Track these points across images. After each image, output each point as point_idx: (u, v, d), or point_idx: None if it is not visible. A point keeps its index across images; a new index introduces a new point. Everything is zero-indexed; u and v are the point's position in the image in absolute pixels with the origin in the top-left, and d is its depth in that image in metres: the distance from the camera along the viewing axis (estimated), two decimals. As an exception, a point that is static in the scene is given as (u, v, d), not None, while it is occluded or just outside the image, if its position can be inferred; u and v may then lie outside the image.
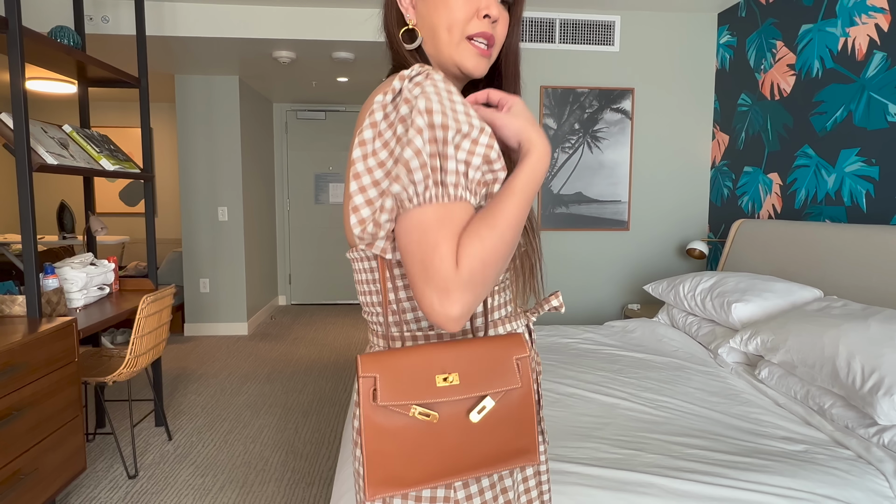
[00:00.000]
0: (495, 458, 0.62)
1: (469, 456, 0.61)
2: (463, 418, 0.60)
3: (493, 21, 0.69)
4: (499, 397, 0.61)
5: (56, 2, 3.10)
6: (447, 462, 0.60)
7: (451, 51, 0.69)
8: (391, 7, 0.73)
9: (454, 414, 0.60)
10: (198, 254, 4.58)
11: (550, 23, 3.25)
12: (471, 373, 0.59)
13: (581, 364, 2.12)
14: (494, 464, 0.62)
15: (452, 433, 0.60)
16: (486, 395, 0.60)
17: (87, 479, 2.24)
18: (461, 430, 0.60)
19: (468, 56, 0.69)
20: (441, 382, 0.58)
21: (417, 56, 0.72)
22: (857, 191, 2.31)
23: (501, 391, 0.61)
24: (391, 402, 0.57)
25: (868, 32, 2.25)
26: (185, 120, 4.48)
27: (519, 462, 0.63)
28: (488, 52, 0.69)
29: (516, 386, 0.61)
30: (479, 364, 0.60)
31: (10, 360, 1.53)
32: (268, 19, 3.29)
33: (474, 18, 0.68)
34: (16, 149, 1.77)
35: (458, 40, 0.68)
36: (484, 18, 0.68)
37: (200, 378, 3.51)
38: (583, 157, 3.30)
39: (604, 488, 1.25)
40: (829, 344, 1.64)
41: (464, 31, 0.68)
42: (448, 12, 0.67)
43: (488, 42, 0.69)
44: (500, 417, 0.61)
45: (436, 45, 0.70)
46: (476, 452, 0.61)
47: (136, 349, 2.21)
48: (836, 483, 1.29)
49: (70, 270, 2.19)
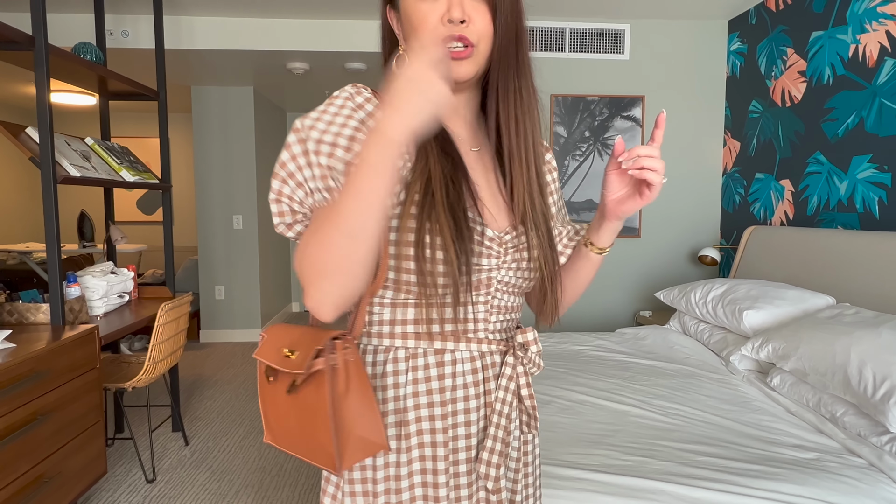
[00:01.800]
0: (305, 448, 0.66)
1: (290, 434, 0.67)
2: (284, 393, 0.67)
3: (460, 22, 0.66)
4: (301, 380, 0.65)
5: (78, 18, 3.20)
6: (283, 434, 0.67)
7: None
8: (385, 38, 0.76)
9: (283, 387, 0.67)
10: (213, 261, 4.66)
11: (560, 32, 3.28)
12: (305, 355, 0.64)
13: (592, 371, 2.13)
14: (304, 452, 0.66)
15: (282, 406, 0.67)
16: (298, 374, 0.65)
17: (107, 484, 2.29)
18: (284, 405, 0.67)
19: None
20: (286, 354, 0.65)
21: None
22: (869, 197, 2.31)
23: (302, 374, 0.64)
24: (258, 356, 0.68)
25: (879, 39, 2.25)
26: (201, 130, 4.57)
27: (321, 461, 0.64)
28: (465, 51, 0.66)
29: (301, 371, 0.63)
30: (308, 350, 0.64)
31: (36, 367, 1.59)
32: (282, 32, 3.36)
33: (440, 25, 0.66)
34: (41, 162, 1.83)
35: None
36: (448, 23, 0.66)
37: (216, 384, 3.56)
38: (593, 164, 3.32)
39: (614, 495, 1.27)
40: (840, 351, 1.64)
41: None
42: (415, 29, 0.67)
43: (464, 42, 0.66)
44: (308, 405, 0.65)
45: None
46: (294, 433, 0.66)
47: (155, 356, 2.26)
48: (848, 491, 1.29)
49: (91, 279, 2.25)
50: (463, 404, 0.72)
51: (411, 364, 0.70)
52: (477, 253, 0.69)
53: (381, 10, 0.75)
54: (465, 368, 0.72)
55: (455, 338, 0.71)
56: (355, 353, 0.64)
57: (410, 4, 0.67)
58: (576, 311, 3.45)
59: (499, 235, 0.72)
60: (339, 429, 0.63)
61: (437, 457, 0.70)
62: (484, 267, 0.70)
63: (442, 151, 0.70)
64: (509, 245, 0.72)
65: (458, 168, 0.70)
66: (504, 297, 0.74)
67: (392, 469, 0.70)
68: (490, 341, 0.74)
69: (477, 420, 0.73)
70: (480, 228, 0.70)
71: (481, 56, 0.68)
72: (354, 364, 0.64)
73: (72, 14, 3.19)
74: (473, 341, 0.72)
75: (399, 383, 0.70)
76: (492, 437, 0.71)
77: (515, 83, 0.71)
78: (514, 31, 0.69)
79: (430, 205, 0.65)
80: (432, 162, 0.68)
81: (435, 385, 0.71)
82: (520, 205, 0.73)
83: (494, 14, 0.67)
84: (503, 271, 0.72)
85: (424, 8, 0.66)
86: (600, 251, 0.78)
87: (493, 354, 0.74)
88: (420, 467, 0.70)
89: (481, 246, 0.70)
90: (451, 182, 0.67)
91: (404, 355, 0.70)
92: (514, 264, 0.73)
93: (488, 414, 0.73)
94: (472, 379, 0.72)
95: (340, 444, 0.63)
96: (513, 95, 0.71)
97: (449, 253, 0.65)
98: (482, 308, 0.72)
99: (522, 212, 0.73)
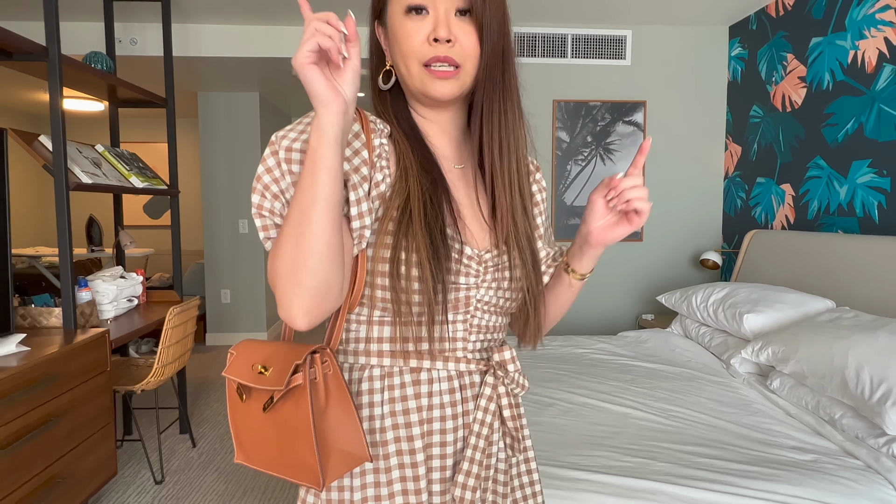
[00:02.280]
0: (283, 466, 0.64)
1: (267, 452, 0.65)
2: (259, 410, 0.65)
3: (446, 42, 0.66)
4: (279, 396, 0.63)
5: (88, 26, 3.25)
6: (258, 452, 0.66)
7: (414, 83, 0.68)
8: (373, 54, 0.75)
9: (257, 405, 0.65)
10: (219, 265, 4.70)
11: (563, 38, 3.31)
12: (281, 371, 0.62)
13: (594, 374, 2.16)
14: (283, 470, 0.64)
15: (256, 424, 0.65)
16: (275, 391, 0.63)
17: (116, 485, 2.33)
18: (259, 423, 0.65)
19: (429, 84, 0.67)
20: (260, 370, 0.63)
21: (389, 94, 0.73)
22: (869, 202, 2.33)
23: (281, 390, 0.62)
24: (227, 374, 0.66)
25: (877, 46, 2.28)
26: (207, 135, 4.63)
27: (303, 478, 0.63)
28: (452, 72, 0.66)
29: (279, 388, 0.61)
30: (285, 365, 0.62)
31: (49, 370, 1.63)
32: (287, 39, 3.40)
33: (425, 45, 0.66)
34: (54, 170, 1.88)
35: (416, 71, 0.67)
36: (434, 43, 0.66)
37: (222, 387, 3.60)
38: (595, 168, 3.35)
39: (614, 495, 1.29)
40: (838, 355, 1.67)
41: (421, 62, 0.66)
42: (400, 47, 0.67)
43: (450, 63, 0.66)
44: (287, 422, 0.63)
45: (403, 80, 0.70)
46: (271, 451, 0.65)
47: (164, 359, 2.30)
48: (844, 492, 1.32)
49: (102, 283, 2.30)
50: (439, 424, 0.70)
51: (387, 383, 0.69)
52: (454, 271, 0.68)
53: (370, 25, 0.74)
54: (441, 388, 0.70)
55: (432, 357, 0.70)
56: (334, 365, 0.64)
57: (397, 21, 0.67)
58: (579, 315, 3.48)
59: (478, 254, 0.71)
60: (321, 443, 0.63)
61: (418, 477, 0.69)
62: (462, 286, 0.69)
63: (423, 169, 0.69)
64: (489, 264, 0.71)
65: (439, 186, 0.69)
66: (485, 316, 0.73)
67: (371, 490, 0.68)
68: (469, 360, 0.72)
69: (454, 441, 0.71)
70: (459, 247, 0.69)
71: (466, 76, 0.68)
72: (333, 377, 0.64)
73: (81, 23, 3.25)
74: (451, 360, 0.71)
75: (374, 402, 0.69)
76: (468, 458, 0.70)
77: (500, 104, 0.70)
78: (501, 51, 0.69)
79: (406, 222, 0.65)
80: (412, 180, 0.68)
81: (412, 405, 0.69)
82: (502, 224, 0.72)
83: (481, 34, 0.66)
84: (482, 290, 0.71)
85: (410, 26, 0.66)
86: (581, 277, 0.77)
87: (473, 374, 0.73)
88: (401, 488, 0.69)
89: (459, 264, 0.69)
90: (430, 200, 0.67)
91: (380, 374, 0.69)
92: (495, 284, 0.72)
93: (466, 435, 0.71)
94: (450, 399, 0.71)
95: (323, 458, 0.63)
96: (497, 116, 0.71)
97: (424, 271, 0.64)
98: (461, 327, 0.71)
99: (505, 231, 0.72)
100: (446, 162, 0.74)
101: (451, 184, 0.73)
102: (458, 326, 0.71)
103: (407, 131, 0.72)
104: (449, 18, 0.65)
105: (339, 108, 0.55)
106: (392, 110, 0.73)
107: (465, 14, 0.66)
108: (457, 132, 0.76)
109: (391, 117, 0.73)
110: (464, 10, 0.66)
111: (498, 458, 0.75)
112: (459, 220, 0.71)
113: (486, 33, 0.66)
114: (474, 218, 0.73)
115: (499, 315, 0.75)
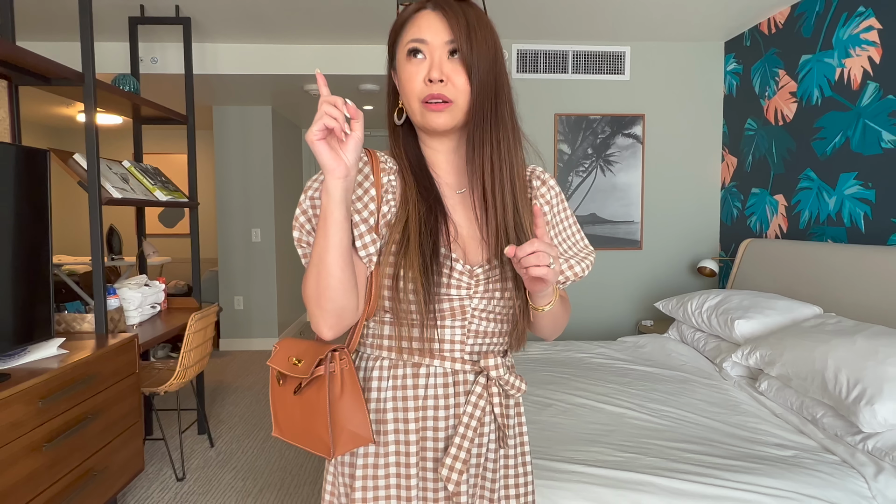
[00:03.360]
0: (305, 439, 0.81)
1: (294, 428, 0.82)
2: (291, 394, 0.82)
3: (439, 81, 0.76)
4: (305, 383, 0.80)
5: (113, 46, 3.42)
6: (289, 428, 0.83)
7: (416, 117, 0.80)
8: (390, 94, 0.87)
9: (290, 389, 0.82)
10: (233, 273, 4.85)
11: (564, 54, 3.45)
12: (309, 363, 0.79)
13: (593, 377, 2.27)
14: (305, 442, 0.81)
15: (289, 405, 0.83)
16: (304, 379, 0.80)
17: (140, 481, 2.46)
18: (291, 404, 0.82)
19: (428, 117, 0.78)
20: (294, 362, 0.81)
21: (401, 130, 0.87)
22: (855, 212, 2.44)
23: (308, 378, 0.79)
24: (271, 363, 0.84)
25: (862, 64, 2.40)
26: (221, 147, 4.79)
27: (319, 449, 0.79)
28: (443, 105, 0.77)
29: (305, 376, 0.78)
30: (312, 359, 0.79)
31: (87, 371, 1.77)
32: (299, 57, 3.56)
33: (423, 84, 0.77)
34: (89, 186, 2.03)
35: (416, 106, 0.79)
36: (430, 83, 0.77)
37: (237, 390, 3.74)
38: (596, 179, 3.47)
39: (606, 486, 1.41)
40: (819, 358, 1.78)
41: (420, 99, 0.78)
42: (404, 88, 0.80)
43: (441, 98, 0.77)
44: (310, 404, 0.80)
45: (409, 115, 0.82)
46: (297, 427, 0.82)
47: (185, 362, 2.44)
48: (820, 484, 1.43)
49: (128, 291, 2.44)
50: (433, 412, 0.82)
51: (392, 373, 0.83)
52: (446, 284, 0.79)
53: (387, 71, 0.87)
54: (437, 382, 0.82)
55: (431, 355, 0.82)
56: (349, 363, 0.79)
57: (401, 65, 0.80)
58: (581, 321, 3.59)
59: (469, 269, 0.81)
60: (334, 423, 0.78)
61: (410, 453, 0.82)
62: (454, 296, 0.80)
63: (421, 198, 0.81)
64: (481, 277, 0.81)
65: (436, 211, 0.81)
66: (482, 322, 0.82)
67: (371, 459, 0.82)
68: (464, 361, 0.82)
69: (445, 428, 0.82)
70: (450, 263, 0.80)
71: (459, 110, 0.78)
72: (349, 372, 0.79)
73: (106, 43, 3.42)
74: (448, 360, 0.82)
75: (381, 387, 0.83)
76: (456, 445, 0.80)
77: (491, 135, 0.79)
78: (493, 89, 0.78)
79: (405, 245, 0.78)
80: (411, 207, 0.80)
81: (410, 393, 0.82)
82: (492, 242, 0.82)
83: (469, 73, 0.77)
84: (476, 300, 0.81)
85: (411, 69, 0.78)
86: (542, 309, 0.81)
87: (467, 373, 0.83)
88: (395, 460, 0.82)
89: (450, 278, 0.79)
90: (425, 225, 0.79)
91: (388, 364, 0.83)
92: (488, 294, 0.81)
93: (455, 425, 0.82)
94: (443, 392, 0.82)
95: (335, 436, 0.78)
96: (488, 146, 0.79)
97: (417, 286, 0.76)
98: (459, 331, 0.82)
99: (495, 247, 0.81)
100: (448, 188, 0.85)
101: (452, 207, 0.84)
102: (455, 331, 0.82)
103: (413, 164, 0.85)
104: (442, 61, 0.77)
105: (342, 173, 0.69)
106: (402, 144, 0.86)
107: (457, 60, 0.77)
108: (460, 160, 0.86)
109: (401, 151, 0.86)
110: (454, 51, 0.77)
111: (488, 448, 0.85)
112: (455, 240, 0.82)
113: (473, 73, 0.77)
114: (471, 237, 0.84)
115: (496, 322, 0.84)
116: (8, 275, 1.65)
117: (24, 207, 1.72)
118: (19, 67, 1.94)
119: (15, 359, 1.69)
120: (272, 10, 2.96)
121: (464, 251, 0.83)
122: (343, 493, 0.85)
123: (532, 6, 2.93)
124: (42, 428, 1.56)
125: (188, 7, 2.89)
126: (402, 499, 0.82)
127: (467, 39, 0.76)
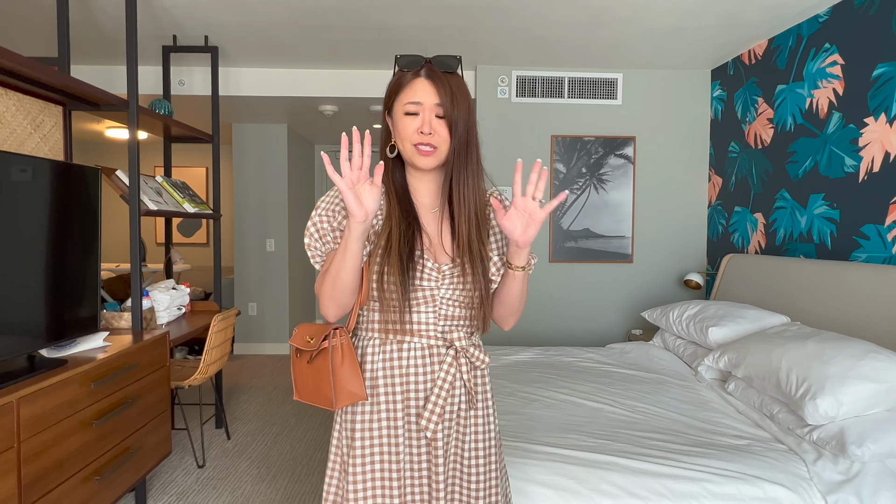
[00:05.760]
0: (315, 397, 1.08)
1: (308, 390, 1.09)
2: (305, 363, 1.10)
3: (428, 133, 1.00)
4: (315, 354, 1.08)
5: (147, 70, 3.73)
6: (304, 390, 1.10)
7: (408, 156, 1.04)
8: (384, 132, 1.10)
9: (305, 360, 1.10)
10: (248, 280, 5.12)
11: (560, 80, 3.70)
12: (318, 339, 1.07)
13: (578, 378, 2.49)
14: (314, 400, 1.08)
15: (304, 372, 1.10)
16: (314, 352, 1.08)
17: (165, 466, 2.70)
18: (305, 371, 1.09)
19: (416, 158, 1.03)
20: (308, 339, 1.08)
21: (392, 161, 1.10)
22: (823, 230, 2.65)
23: (317, 350, 1.07)
24: (292, 342, 1.11)
25: (828, 95, 2.63)
26: (240, 162, 5.09)
27: (325, 404, 1.06)
28: (431, 151, 1.02)
29: (314, 349, 1.06)
30: (320, 336, 1.08)
31: (129, 360, 2.02)
32: (315, 80, 3.85)
33: (416, 134, 1.01)
34: (130, 199, 2.29)
35: (409, 149, 1.03)
36: (421, 134, 1.01)
37: (251, 390, 3.98)
38: (589, 197, 3.71)
39: (576, 465, 1.63)
40: (775, 360, 1.99)
41: (412, 142, 1.02)
42: (399, 133, 1.03)
43: (430, 145, 1.01)
44: (319, 370, 1.06)
45: (402, 152, 1.05)
46: (310, 389, 1.09)
47: (208, 359, 2.69)
48: (765, 467, 1.64)
49: (159, 293, 2.70)
50: (414, 378, 1.07)
51: (382, 349, 1.08)
52: (419, 278, 1.05)
53: (382, 115, 1.10)
54: (416, 354, 1.07)
55: (411, 334, 1.07)
56: (347, 338, 1.06)
57: (399, 118, 1.03)
58: (573, 329, 3.81)
59: (437, 267, 1.06)
60: (336, 384, 1.04)
61: (397, 409, 1.07)
62: (426, 287, 1.06)
63: (401, 216, 1.06)
64: (447, 273, 1.06)
65: (413, 227, 1.06)
66: (450, 308, 1.07)
67: (367, 415, 1.07)
68: (437, 338, 1.07)
69: (424, 390, 1.07)
70: (423, 262, 1.05)
71: (441, 154, 1.03)
72: (347, 345, 1.06)
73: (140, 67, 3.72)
74: (424, 337, 1.07)
75: (374, 360, 1.08)
76: (432, 402, 1.05)
77: (464, 173, 1.06)
78: (466, 141, 1.04)
79: (388, 252, 1.03)
80: (393, 223, 1.05)
81: (396, 363, 1.07)
82: (458, 247, 1.07)
83: (451, 130, 1.02)
84: (443, 290, 1.06)
85: (407, 121, 1.02)
86: (520, 268, 1.07)
87: (439, 348, 1.08)
88: (386, 416, 1.07)
89: (423, 274, 1.05)
90: (404, 236, 1.04)
91: (378, 342, 1.08)
92: (453, 286, 1.07)
93: (432, 387, 1.07)
94: (422, 362, 1.07)
95: (337, 393, 1.04)
96: (462, 181, 1.06)
97: (396, 280, 1.02)
98: (432, 315, 1.07)
99: (461, 251, 1.07)
100: (423, 208, 1.11)
101: (427, 222, 1.11)
102: (429, 315, 1.07)
103: (398, 189, 1.11)
104: (431, 119, 1.01)
105: (363, 218, 0.94)
106: (391, 173, 1.12)
107: (442, 118, 1.02)
108: (436, 186, 1.12)
109: (389, 179, 1.11)
110: (440, 115, 1.02)
111: (460, 408, 1.10)
112: (428, 248, 1.08)
113: (454, 129, 1.03)
114: (439, 244, 1.10)
115: (460, 307, 1.09)
116: (65, 277, 1.91)
117: (79, 219, 1.98)
118: (73, 95, 2.22)
119: (68, 348, 1.94)
120: (291, 40, 3.25)
121: (434, 254, 1.08)
122: (346, 444, 1.10)
123: (532, 37, 3.19)
124: (92, 407, 1.81)
125: (216, 36, 3.19)
126: (391, 445, 1.07)
127: (451, 103, 1.01)
